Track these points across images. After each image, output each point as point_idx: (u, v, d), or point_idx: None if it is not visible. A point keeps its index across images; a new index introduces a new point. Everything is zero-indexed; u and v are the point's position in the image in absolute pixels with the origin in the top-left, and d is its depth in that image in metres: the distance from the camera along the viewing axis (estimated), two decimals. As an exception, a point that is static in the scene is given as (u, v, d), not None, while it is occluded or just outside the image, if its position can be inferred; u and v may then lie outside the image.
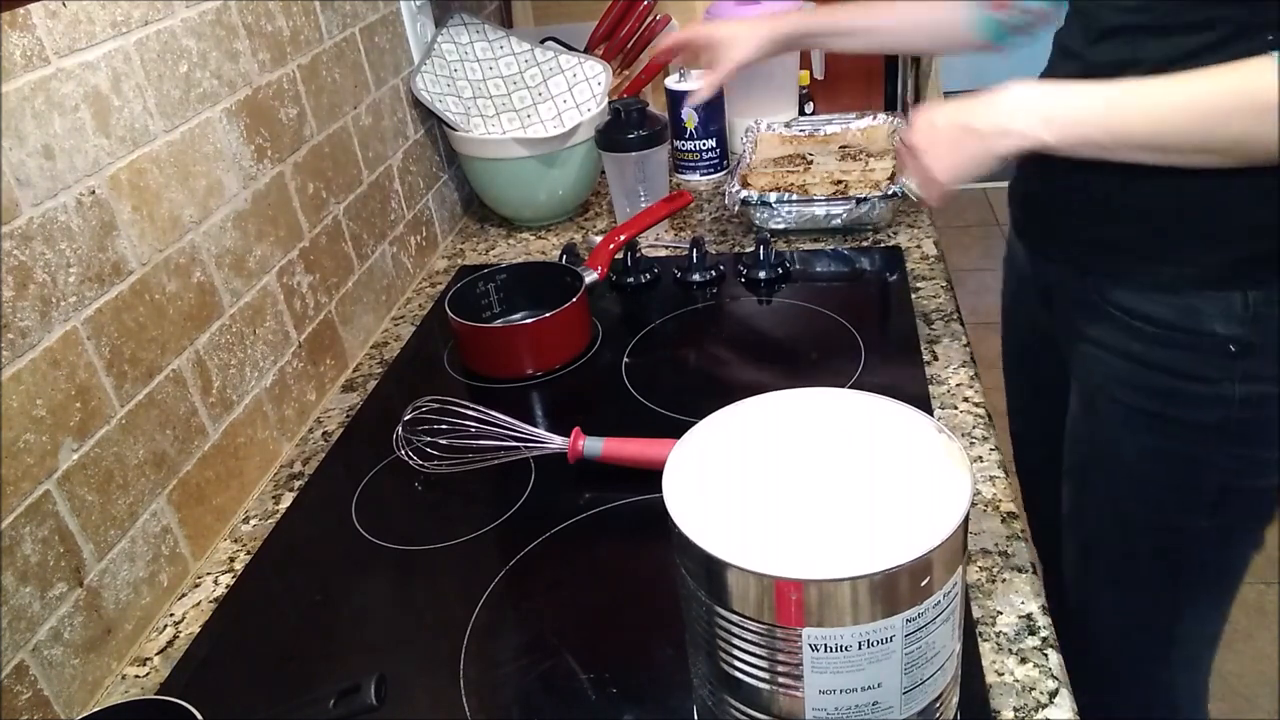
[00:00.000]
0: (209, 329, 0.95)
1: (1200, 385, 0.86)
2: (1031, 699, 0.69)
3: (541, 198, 1.49)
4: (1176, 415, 0.89)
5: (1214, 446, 0.88)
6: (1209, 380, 0.86)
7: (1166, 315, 0.86)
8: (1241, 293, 0.83)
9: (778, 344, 1.21)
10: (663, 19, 1.67)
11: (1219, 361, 0.85)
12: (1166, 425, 0.90)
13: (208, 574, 0.92)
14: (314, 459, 1.06)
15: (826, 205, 1.34)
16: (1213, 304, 0.84)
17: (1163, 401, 0.89)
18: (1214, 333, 0.84)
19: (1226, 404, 0.86)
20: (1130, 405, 0.91)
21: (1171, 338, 0.86)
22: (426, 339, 1.27)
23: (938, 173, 0.88)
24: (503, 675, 0.77)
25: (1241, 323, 0.83)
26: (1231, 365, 0.84)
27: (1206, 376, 0.86)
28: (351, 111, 1.23)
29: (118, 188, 0.83)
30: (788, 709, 0.57)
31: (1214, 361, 0.85)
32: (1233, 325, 0.83)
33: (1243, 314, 0.83)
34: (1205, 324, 0.84)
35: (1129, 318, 0.89)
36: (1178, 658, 1.04)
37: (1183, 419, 0.89)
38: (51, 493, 0.76)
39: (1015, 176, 1.04)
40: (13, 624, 0.72)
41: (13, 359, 0.73)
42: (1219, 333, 0.84)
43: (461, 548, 0.91)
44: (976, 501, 0.88)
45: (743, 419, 0.64)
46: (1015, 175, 1.04)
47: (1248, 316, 0.83)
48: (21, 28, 0.74)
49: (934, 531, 0.53)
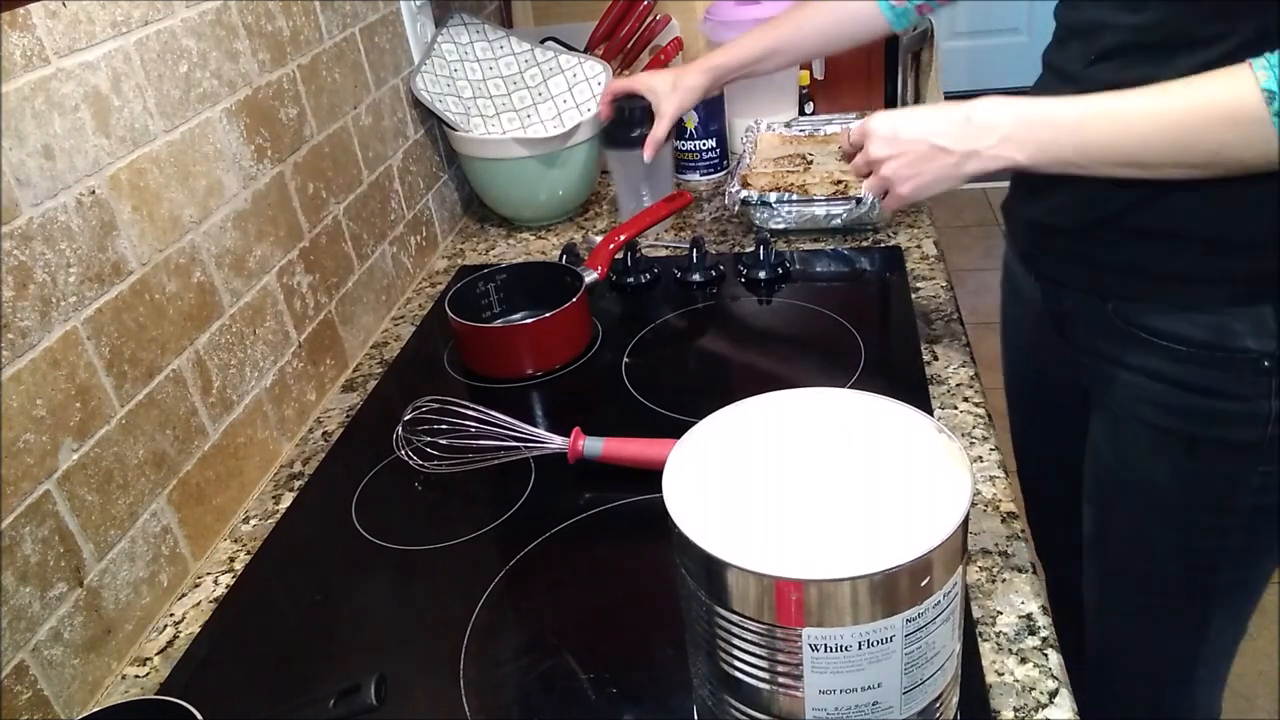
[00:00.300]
0: (209, 329, 0.95)
1: (1235, 403, 0.84)
2: (1031, 699, 0.69)
3: (541, 198, 1.49)
4: (1211, 435, 0.86)
5: (1248, 465, 0.86)
6: (1244, 398, 0.84)
7: (1197, 334, 0.84)
8: (1272, 306, 0.81)
9: (778, 344, 1.21)
10: (663, 19, 1.67)
11: (1253, 378, 0.83)
12: (1201, 446, 0.87)
13: (208, 574, 0.92)
14: (314, 459, 1.06)
15: (826, 205, 1.34)
16: (1243, 320, 0.82)
17: (1197, 423, 0.87)
18: (1247, 349, 0.82)
19: (1262, 421, 0.84)
20: (1162, 427, 0.89)
21: (1204, 356, 0.84)
22: (426, 339, 1.27)
23: (900, 189, 0.88)
24: (503, 675, 0.77)
25: (1274, 336, 0.81)
26: (1267, 381, 0.82)
27: (1241, 394, 0.84)
28: (351, 111, 1.23)
29: (118, 188, 0.83)
30: (788, 709, 0.57)
31: (1248, 379, 0.83)
32: (1265, 340, 0.81)
33: (1275, 328, 0.81)
34: (1238, 341, 0.82)
35: (1158, 339, 0.86)
36: (1201, 675, 1.03)
37: (1217, 439, 0.86)
38: (51, 493, 0.76)
39: (1011, 197, 1.01)
40: (13, 624, 0.72)
41: (13, 359, 0.73)
42: (1252, 349, 0.82)
43: (461, 548, 0.91)
44: (976, 501, 0.88)
45: (743, 419, 0.64)
46: (1010, 196, 1.01)
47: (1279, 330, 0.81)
48: (21, 28, 0.74)
49: (934, 531, 0.53)
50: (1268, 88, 0.69)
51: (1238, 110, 0.71)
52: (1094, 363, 0.94)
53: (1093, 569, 1.04)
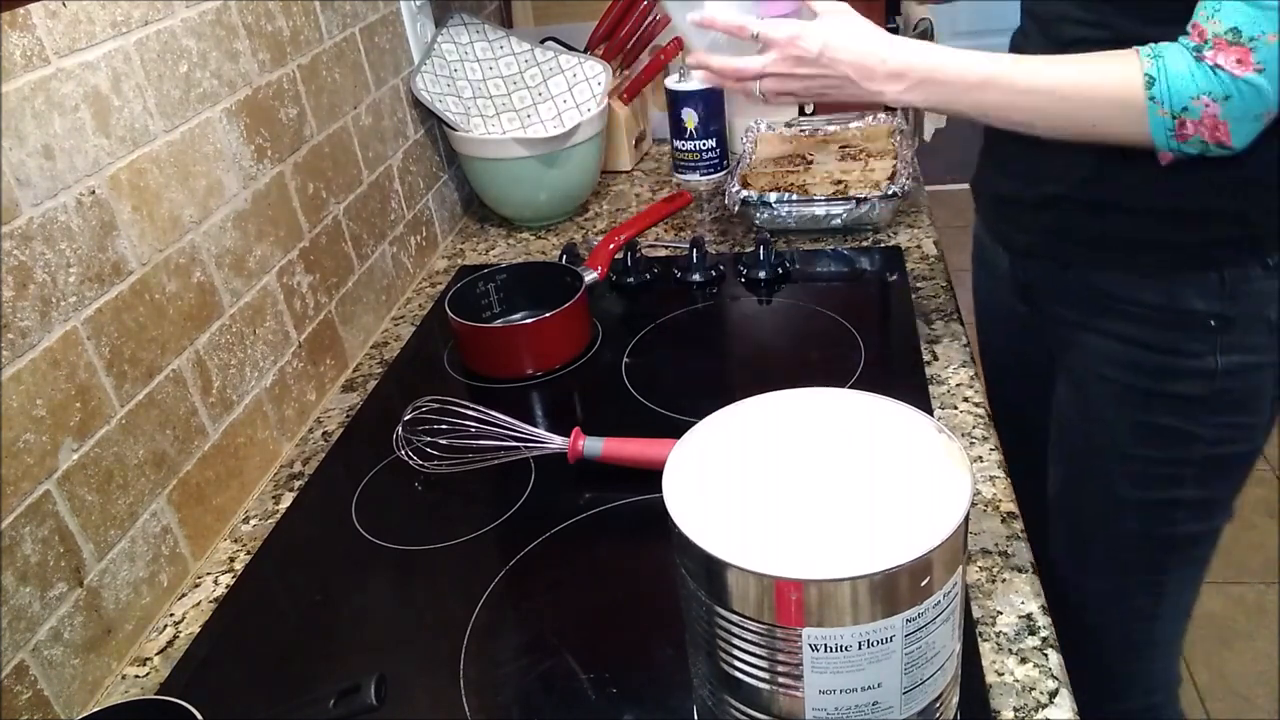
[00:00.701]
0: (209, 329, 0.95)
1: (1185, 359, 0.92)
2: (1031, 699, 0.69)
3: (541, 198, 1.49)
4: (1165, 390, 0.94)
5: (1200, 417, 0.93)
6: (1194, 355, 0.91)
7: (1151, 298, 0.91)
8: (1218, 272, 0.88)
9: (778, 344, 1.21)
10: (663, 19, 1.67)
11: (1201, 336, 0.90)
12: (1156, 400, 0.94)
13: (208, 574, 0.92)
14: (314, 459, 1.06)
15: (826, 205, 1.34)
16: (1192, 284, 0.89)
17: (1152, 378, 0.94)
18: (1194, 310, 0.90)
19: (1210, 376, 0.91)
20: (1122, 383, 0.96)
21: (1158, 318, 0.92)
22: (426, 339, 1.27)
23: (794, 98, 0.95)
24: (503, 675, 0.77)
25: (1220, 299, 0.89)
26: (1214, 339, 0.90)
27: (1191, 351, 0.91)
28: (351, 111, 1.23)
29: (118, 188, 0.83)
30: (788, 709, 0.57)
31: (1197, 336, 0.90)
32: (1212, 302, 0.89)
33: (1220, 291, 0.88)
34: (1187, 303, 0.90)
35: (1117, 303, 0.94)
36: (1160, 634, 1.09)
37: (1171, 393, 0.93)
38: (51, 493, 0.76)
39: (978, 174, 1.07)
40: (13, 624, 0.72)
41: (13, 359, 0.73)
42: (1200, 310, 0.89)
43: (461, 548, 0.91)
44: (976, 501, 0.88)
45: (743, 419, 0.64)
46: (978, 173, 1.07)
47: (1225, 293, 0.88)
48: (21, 28, 0.74)
49: (934, 531, 0.53)
50: (1149, 74, 0.77)
51: (1121, 93, 0.79)
52: (1058, 328, 1.02)
53: (1060, 529, 1.09)
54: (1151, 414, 0.95)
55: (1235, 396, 0.92)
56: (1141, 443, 0.97)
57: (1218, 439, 0.94)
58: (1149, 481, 0.98)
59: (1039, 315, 1.05)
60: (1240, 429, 0.95)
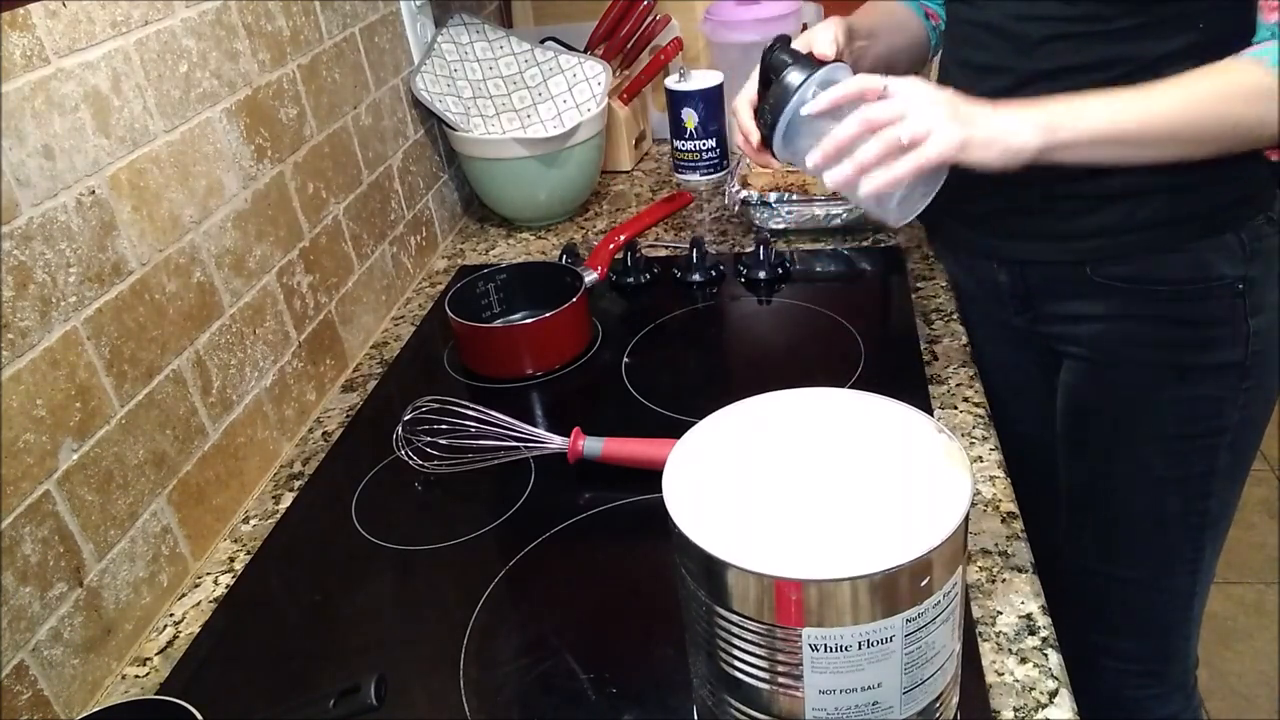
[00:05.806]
0: (209, 329, 0.95)
1: (1220, 328, 0.92)
2: (1031, 699, 0.69)
3: (541, 198, 1.49)
4: (1202, 362, 0.94)
5: (1234, 383, 0.94)
6: (1226, 321, 0.92)
7: (1176, 273, 0.91)
8: (1235, 233, 0.89)
9: (778, 344, 1.21)
10: (663, 19, 1.67)
11: (1230, 301, 0.91)
12: (1193, 373, 0.94)
13: (208, 574, 0.92)
14: (314, 459, 1.06)
15: (826, 205, 1.34)
16: (1214, 250, 0.90)
17: (1189, 352, 0.94)
18: (1223, 275, 0.90)
19: (1245, 340, 0.92)
20: (1154, 364, 0.95)
21: (1185, 292, 0.92)
22: (426, 339, 1.27)
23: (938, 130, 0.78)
24: (503, 675, 0.77)
25: (1242, 261, 0.89)
26: (1243, 303, 0.91)
27: (1224, 318, 0.92)
28: (351, 111, 1.23)
29: (118, 188, 0.83)
30: (788, 709, 0.57)
31: (1227, 302, 0.91)
32: (1237, 265, 0.90)
33: (1241, 253, 0.89)
34: (1216, 269, 0.90)
35: (1140, 285, 0.93)
36: (1195, 612, 1.08)
37: (1208, 364, 0.94)
38: (51, 493, 0.76)
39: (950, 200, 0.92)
40: (13, 624, 0.72)
41: (13, 359, 0.73)
42: (1227, 274, 0.90)
43: (461, 548, 0.91)
44: (976, 501, 0.88)
45: (743, 419, 0.64)
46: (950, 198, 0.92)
47: (1245, 254, 0.89)
48: (21, 28, 0.74)
49: (934, 531, 0.53)
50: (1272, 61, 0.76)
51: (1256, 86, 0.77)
52: (1069, 326, 1.00)
53: (1086, 526, 1.08)
54: (1189, 388, 0.95)
55: (1263, 359, 0.93)
56: (1178, 420, 0.96)
57: (1249, 401, 0.95)
58: (1187, 458, 0.98)
59: (1042, 317, 1.02)
60: (1266, 388, 0.96)
